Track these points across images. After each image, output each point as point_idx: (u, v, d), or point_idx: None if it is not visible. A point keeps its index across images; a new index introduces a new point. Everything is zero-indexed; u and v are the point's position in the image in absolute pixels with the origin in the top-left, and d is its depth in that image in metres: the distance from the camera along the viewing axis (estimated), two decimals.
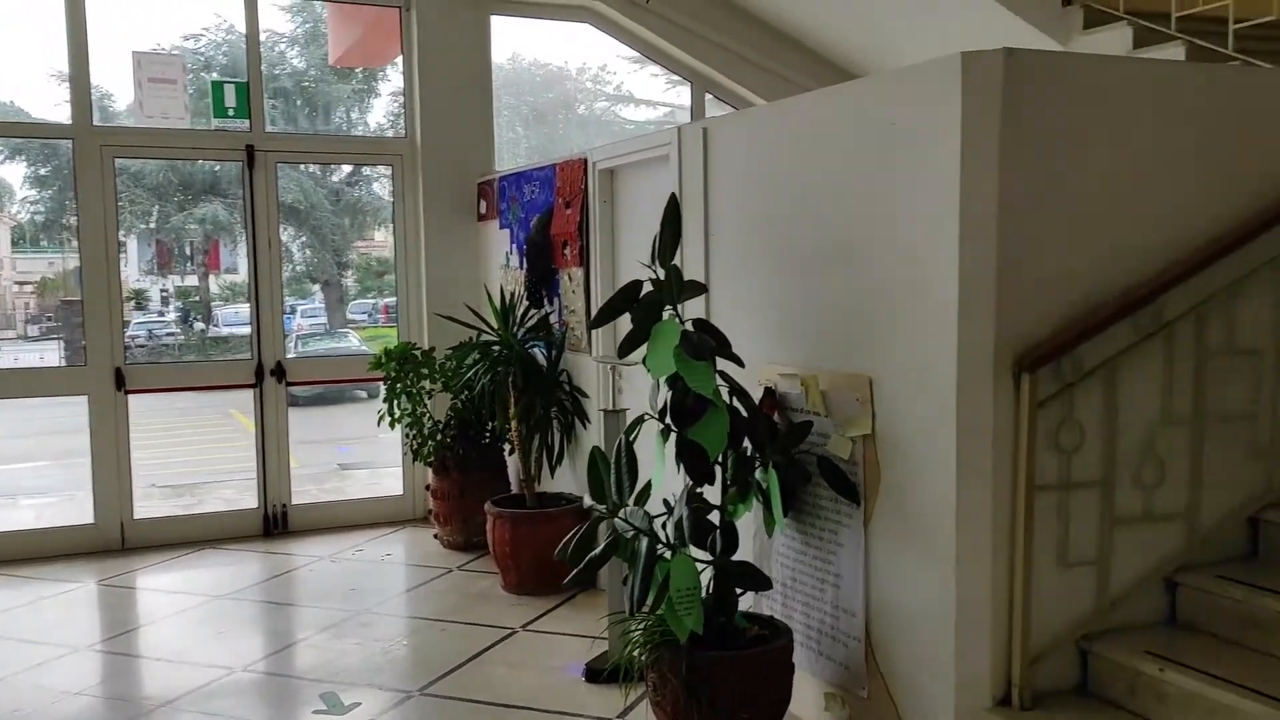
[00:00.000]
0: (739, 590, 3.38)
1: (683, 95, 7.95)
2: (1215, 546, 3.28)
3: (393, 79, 7.19)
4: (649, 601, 3.22)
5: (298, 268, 14.58)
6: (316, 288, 15.19)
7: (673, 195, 3.57)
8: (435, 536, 6.20)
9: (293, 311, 13.65)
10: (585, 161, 5.24)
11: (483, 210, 6.66)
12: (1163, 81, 3.18)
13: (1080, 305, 3.00)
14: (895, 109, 3.11)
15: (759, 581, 3.41)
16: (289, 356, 6.75)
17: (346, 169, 13.90)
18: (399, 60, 6.92)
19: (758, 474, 3.44)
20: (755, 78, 7.36)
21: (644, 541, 3.27)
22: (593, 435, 5.27)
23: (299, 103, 13.56)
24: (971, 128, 2.86)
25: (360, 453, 10.19)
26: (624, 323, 3.41)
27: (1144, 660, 2.95)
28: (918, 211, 3.03)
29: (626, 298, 3.41)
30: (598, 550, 3.37)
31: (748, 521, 3.59)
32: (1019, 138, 2.89)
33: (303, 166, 12.49)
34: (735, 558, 3.39)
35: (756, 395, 3.58)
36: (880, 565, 3.25)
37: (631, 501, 3.40)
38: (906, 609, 3.15)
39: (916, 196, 3.03)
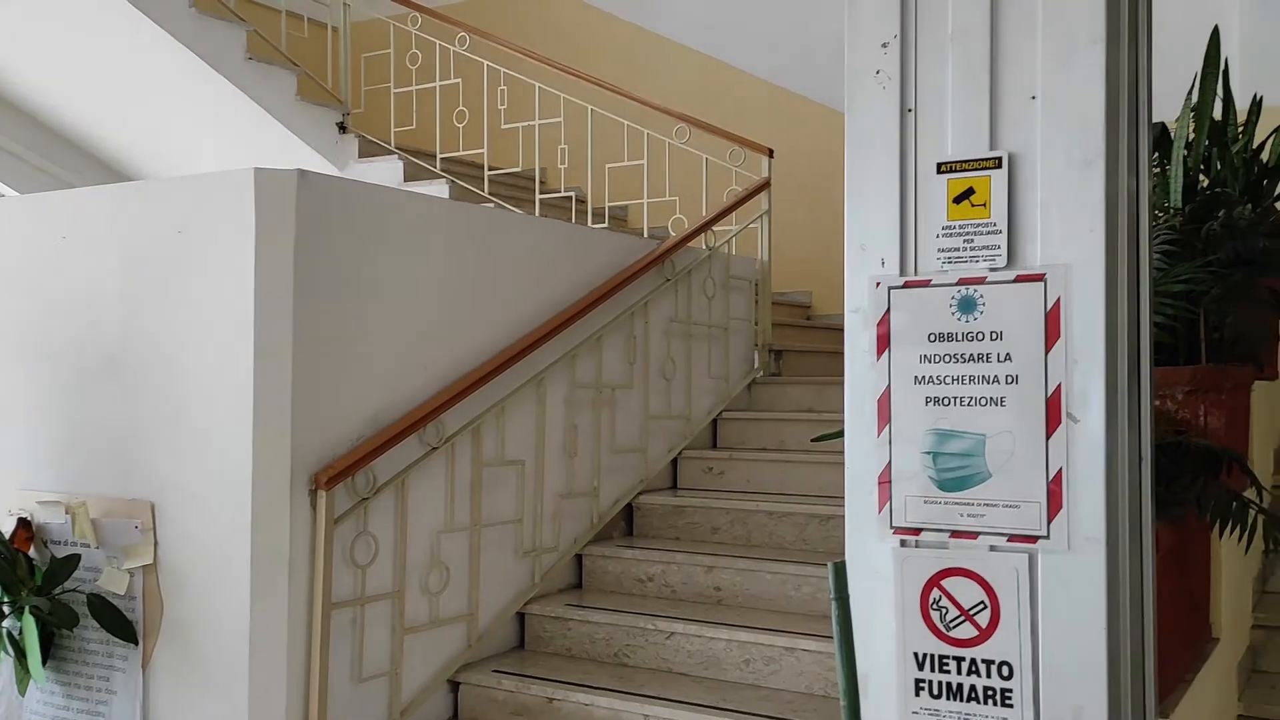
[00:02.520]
0: None
1: None
2: (491, 643, 3.56)
3: None
4: None
5: None
6: None
7: None
8: None
9: None
10: None
11: None
12: (440, 216, 3.47)
13: (374, 422, 3.10)
14: (184, 217, 2.94)
15: None
16: None
17: None
18: None
19: (8, 622, 2.92)
20: (6, 166, 6.45)
21: None
22: None
23: None
24: (266, 244, 2.82)
25: None
26: None
27: None
28: (208, 326, 2.88)
29: None
30: None
31: None
32: (312, 257, 2.92)
33: None
34: None
35: (7, 527, 3.05)
36: (162, 710, 2.93)
37: None
38: None
39: (207, 311, 2.88)
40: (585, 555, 3.98)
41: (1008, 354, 1.61)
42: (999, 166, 1.61)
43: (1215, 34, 2.90)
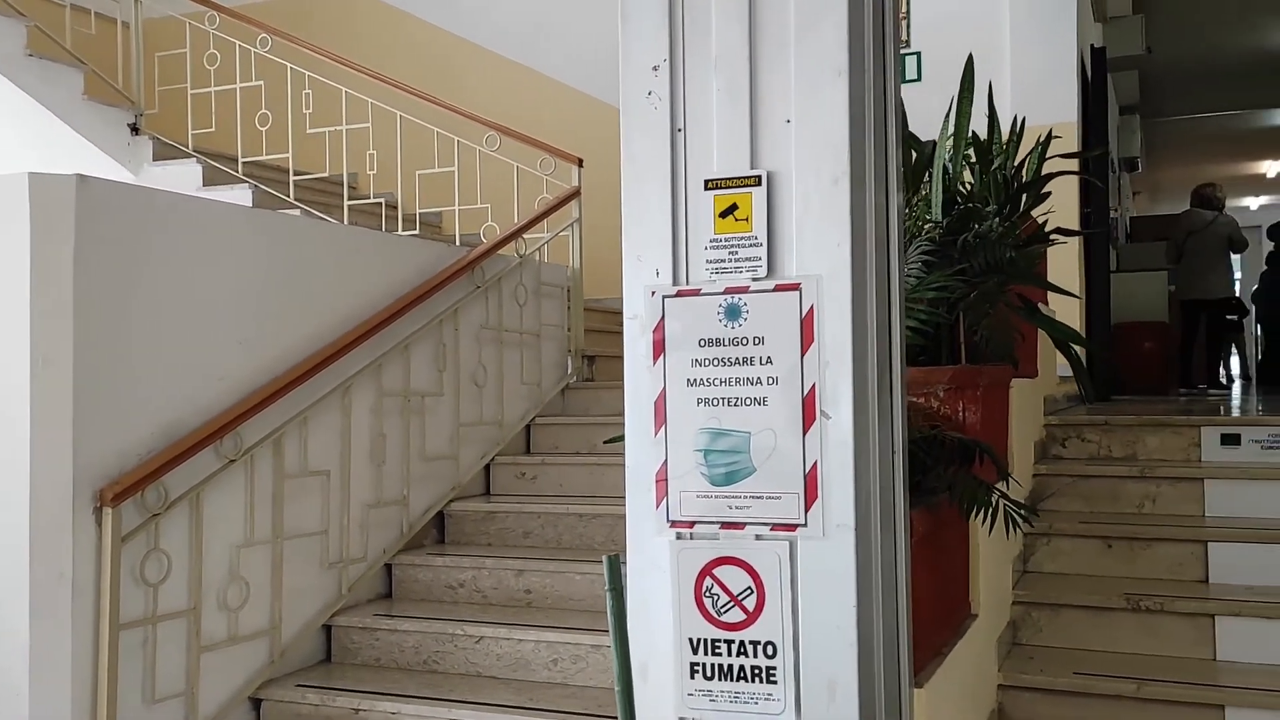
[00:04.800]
0: None
1: None
2: (296, 657, 3.50)
3: None
4: None
5: None
6: None
7: None
8: None
9: None
10: None
11: None
12: (236, 222, 3.40)
13: (166, 434, 3.01)
14: None
15: None
16: None
17: None
18: None
19: None
20: None
21: None
22: None
23: None
24: (43, 252, 2.71)
25: None
26: None
27: None
28: None
29: None
30: None
31: None
32: (95, 265, 2.82)
33: None
34: None
35: None
36: None
37: None
38: None
39: None
40: (395, 564, 3.96)
41: (769, 357, 1.73)
42: (759, 184, 1.73)
43: (970, 62, 3.17)
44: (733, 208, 1.76)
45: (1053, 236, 3.15)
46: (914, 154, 3.39)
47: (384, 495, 3.91)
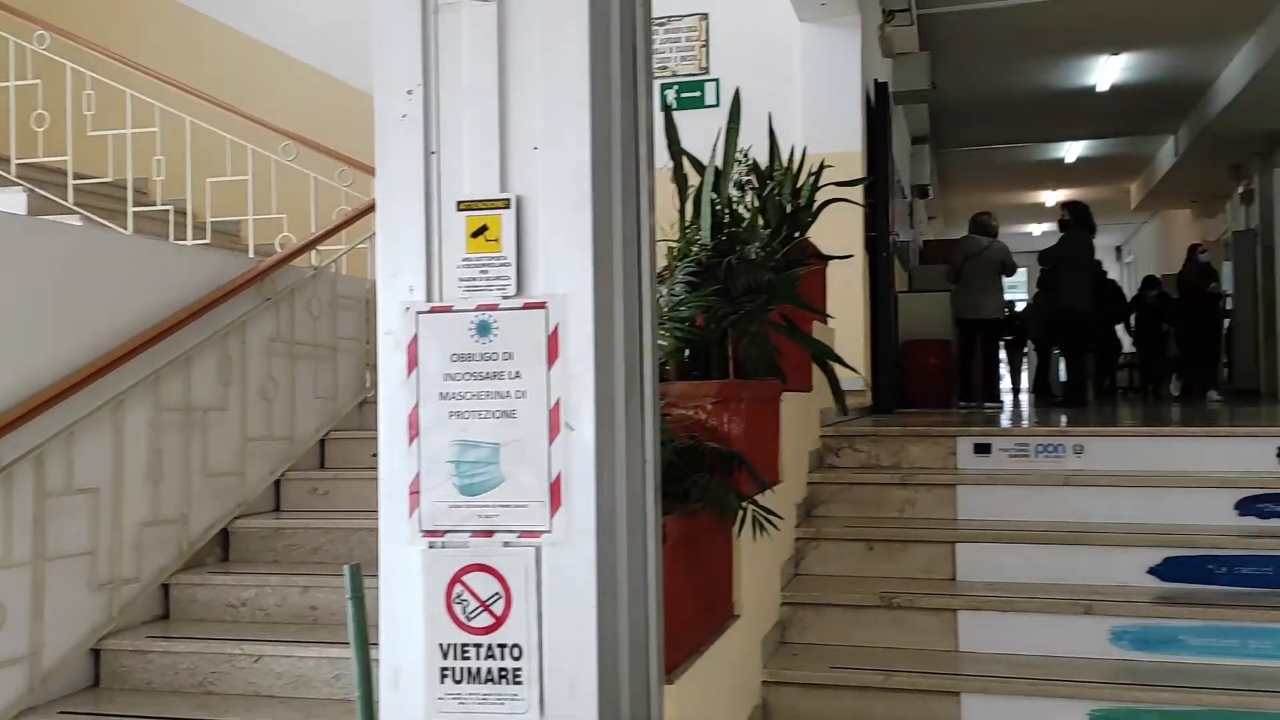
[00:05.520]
0: None
1: None
2: (60, 684, 3.34)
3: None
4: None
5: None
6: None
7: None
8: None
9: None
10: None
11: None
12: (6, 231, 3.24)
13: None
14: None
15: None
16: None
17: None
18: None
19: None
20: None
21: None
22: None
23: None
24: None
25: None
26: None
27: None
28: None
29: None
30: None
31: None
32: None
33: None
34: None
35: None
36: None
37: None
38: None
39: None
40: (173, 584, 3.83)
41: (517, 372, 1.82)
42: (508, 207, 1.82)
43: (736, 96, 3.36)
44: (484, 228, 1.83)
45: (812, 260, 3.37)
46: (696, 177, 3.54)
47: (161, 513, 3.78)
